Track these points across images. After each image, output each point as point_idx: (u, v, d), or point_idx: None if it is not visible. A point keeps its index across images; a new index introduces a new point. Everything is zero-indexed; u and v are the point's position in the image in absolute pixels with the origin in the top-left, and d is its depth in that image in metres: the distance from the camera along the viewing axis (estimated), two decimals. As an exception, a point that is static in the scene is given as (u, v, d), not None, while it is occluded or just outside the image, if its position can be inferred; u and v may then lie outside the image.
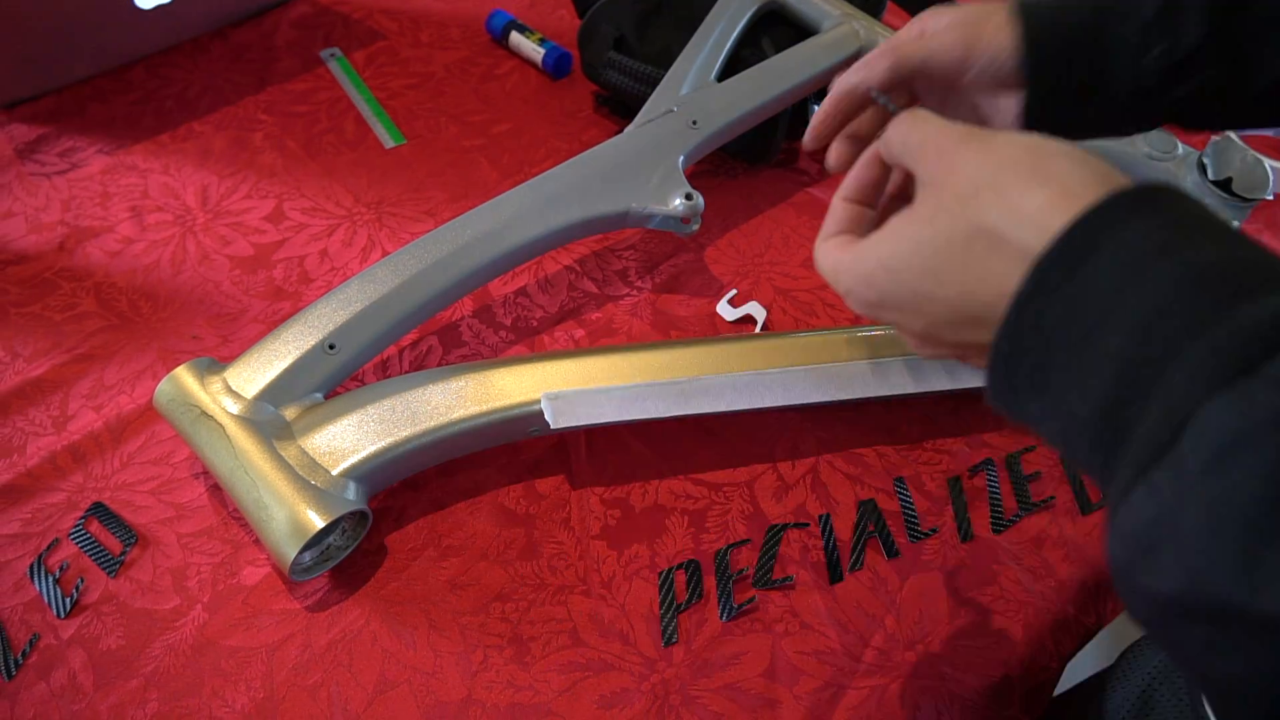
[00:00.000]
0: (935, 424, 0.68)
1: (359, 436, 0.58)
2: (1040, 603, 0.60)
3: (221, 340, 0.72)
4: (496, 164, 0.87)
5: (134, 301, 0.75)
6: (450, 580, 0.60)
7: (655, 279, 0.78)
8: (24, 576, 0.59)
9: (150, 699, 0.54)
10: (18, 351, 0.71)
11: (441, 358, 0.71)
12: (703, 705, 0.55)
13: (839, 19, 0.86)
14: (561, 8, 1.05)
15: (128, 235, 0.79)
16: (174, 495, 0.63)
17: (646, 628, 0.58)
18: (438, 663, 0.56)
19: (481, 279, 0.67)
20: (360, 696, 0.55)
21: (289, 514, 0.54)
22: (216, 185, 0.84)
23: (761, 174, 0.88)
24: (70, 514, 0.62)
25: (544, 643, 0.57)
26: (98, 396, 0.68)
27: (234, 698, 0.54)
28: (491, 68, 0.97)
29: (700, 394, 0.61)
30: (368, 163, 0.86)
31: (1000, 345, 0.28)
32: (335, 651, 0.56)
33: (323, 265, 0.77)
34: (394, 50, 0.98)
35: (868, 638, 0.58)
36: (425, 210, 0.82)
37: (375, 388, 0.60)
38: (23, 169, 0.84)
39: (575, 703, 0.55)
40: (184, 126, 0.89)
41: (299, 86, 0.93)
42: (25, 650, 0.56)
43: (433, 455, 0.60)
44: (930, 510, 0.64)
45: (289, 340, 0.61)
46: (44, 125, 0.88)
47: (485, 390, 0.60)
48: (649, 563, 0.61)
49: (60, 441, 0.65)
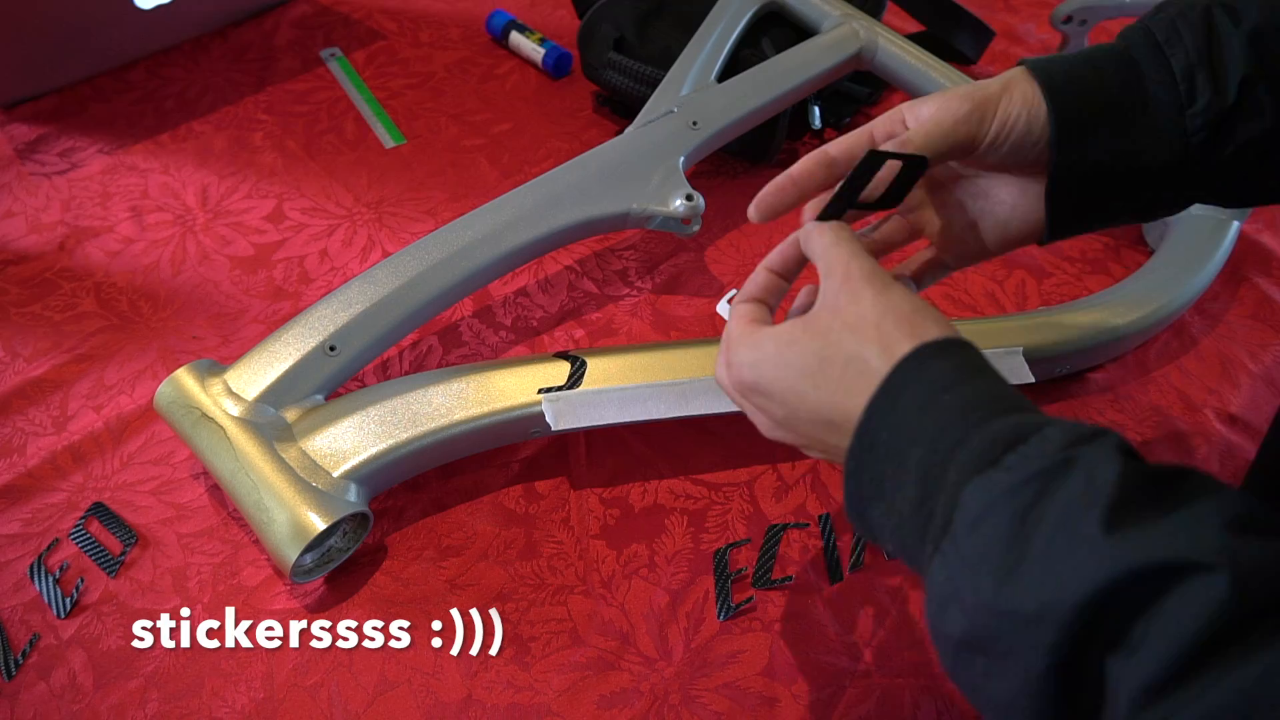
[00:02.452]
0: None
1: (360, 438, 0.58)
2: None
3: (222, 340, 0.72)
4: (496, 164, 0.87)
5: (134, 301, 0.75)
6: (450, 580, 0.60)
7: (655, 279, 0.78)
8: (24, 576, 0.59)
9: (150, 699, 0.54)
10: (18, 351, 0.71)
11: (442, 358, 0.71)
12: (702, 705, 0.55)
13: (839, 19, 0.86)
14: (561, 8, 1.05)
15: (128, 235, 0.79)
16: (174, 495, 0.63)
17: (646, 627, 0.58)
18: (438, 663, 0.56)
19: (482, 280, 0.67)
20: (360, 696, 0.55)
21: (290, 516, 0.54)
22: (216, 185, 0.84)
23: (762, 174, 0.88)
24: (70, 514, 0.62)
25: (544, 643, 0.57)
26: (98, 396, 0.68)
27: (234, 698, 0.54)
28: (491, 68, 0.97)
29: (700, 394, 0.61)
30: (368, 163, 0.86)
31: (850, 464, 0.36)
32: (335, 652, 0.56)
33: (323, 265, 0.77)
34: (394, 50, 0.98)
35: (868, 637, 0.58)
36: (425, 210, 0.82)
37: (376, 389, 0.60)
38: (23, 169, 0.84)
39: (575, 703, 0.55)
40: (184, 126, 0.89)
41: (299, 86, 0.93)
42: (25, 650, 0.56)
43: (434, 456, 0.61)
44: (930, 511, 0.64)
45: (289, 342, 0.61)
46: (44, 125, 0.88)
47: (486, 391, 0.60)
48: (648, 562, 0.61)
49: (60, 441, 0.65)
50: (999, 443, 0.32)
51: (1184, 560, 0.26)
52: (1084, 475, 0.29)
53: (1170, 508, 0.28)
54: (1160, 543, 0.27)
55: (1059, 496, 0.29)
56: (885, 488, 0.35)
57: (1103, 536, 0.28)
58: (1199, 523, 0.27)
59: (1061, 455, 0.30)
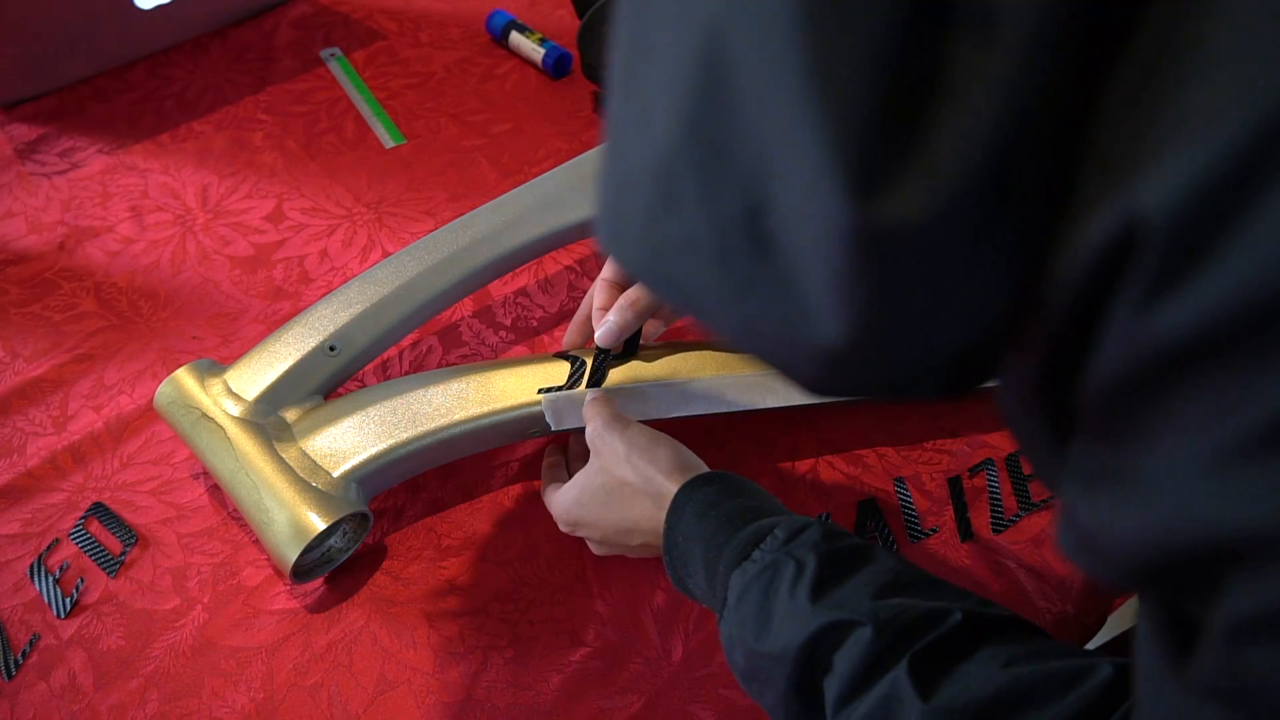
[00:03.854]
0: (935, 424, 0.68)
1: (360, 438, 0.58)
2: (1040, 602, 0.60)
3: (221, 340, 0.72)
4: (496, 164, 0.87)
5: (134, 301, 0.75)
6: (450, 580, 0.60)
7: (655, 279, 0.78)
8: (24, 576, 0.59)
9: (150, 699, 0.54)
10: (18, 351, 0.71)
11: (441, 358, 0.71)
12: (702, 704, 0.55)
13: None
14: (561, 8, 1.05)
15: (128, 235, 0.79)
16: (174, 495, 0.63)
17: (646, 627, 0.58)
18: (437, 663, 0.56)
19: (482, 280, 0.67)
20: (360, 697, 0.55)
21: (290, 516, 0.54)
22: (216, 185, 0.84)
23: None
24: (70, 514, 0.62)
25: (544, 643, 0.57)
26: (98, 396, 0.68)
27: (234, 698, 0.54)
28: (491, 68, 0.97)
29: (700, 394, 0.61)
30: (368, 163, 0.86)
31: (664, 556, 0.50)
32: (335, 652, 0.56)
33: (323, 265, 0.77)
34: (394, 50, 0.98)
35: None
36: (425, 210, 0.82)
37: (376, 389, 0.60)
38: (23, 169, 0.84)
39: (575, 703, 0.55)
40: (184, 126, 0.89)
41: (299, 86, 0.93)
42: (25, 650, 0.56)
43: (434, 456, 0.60)
44: (930, 510, 0.64)
45: (289, 342, 0.61)
46: (44, 125, 0.88)
47: (485, 392, 0.60)
48: (649, 562, 0.61)
49: (60, 441, 0.65)
50: (747, 544, 0.45)
51: (850, 618, 0.40)
52: (795, 565, 0.43)
53: (847, 579, 0.42)
54: (839, 607, 0.41)
55: (785, 578, 0.43)
56: (688, 571, 0.49)
57: (810, 605, 0.41)
58: (860, 591, 0.41)
59: (784, 550, 0.44)
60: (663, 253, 0.28)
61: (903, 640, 0.39)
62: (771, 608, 0.42)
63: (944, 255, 0.24)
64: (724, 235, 0.26)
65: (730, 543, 0.46)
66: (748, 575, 0.44)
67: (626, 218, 0.29)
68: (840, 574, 0.42)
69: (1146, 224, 0.20)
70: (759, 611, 0.43)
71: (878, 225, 0.22)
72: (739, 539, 0.46)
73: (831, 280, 0.24)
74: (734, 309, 0.28)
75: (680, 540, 0.49)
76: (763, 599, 0.43)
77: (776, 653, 0.41)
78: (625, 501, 0.52)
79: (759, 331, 0.28)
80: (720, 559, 0.46)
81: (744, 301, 0.27)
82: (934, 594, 0.41)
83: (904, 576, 0.43)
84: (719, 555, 0.46)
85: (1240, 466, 0.21)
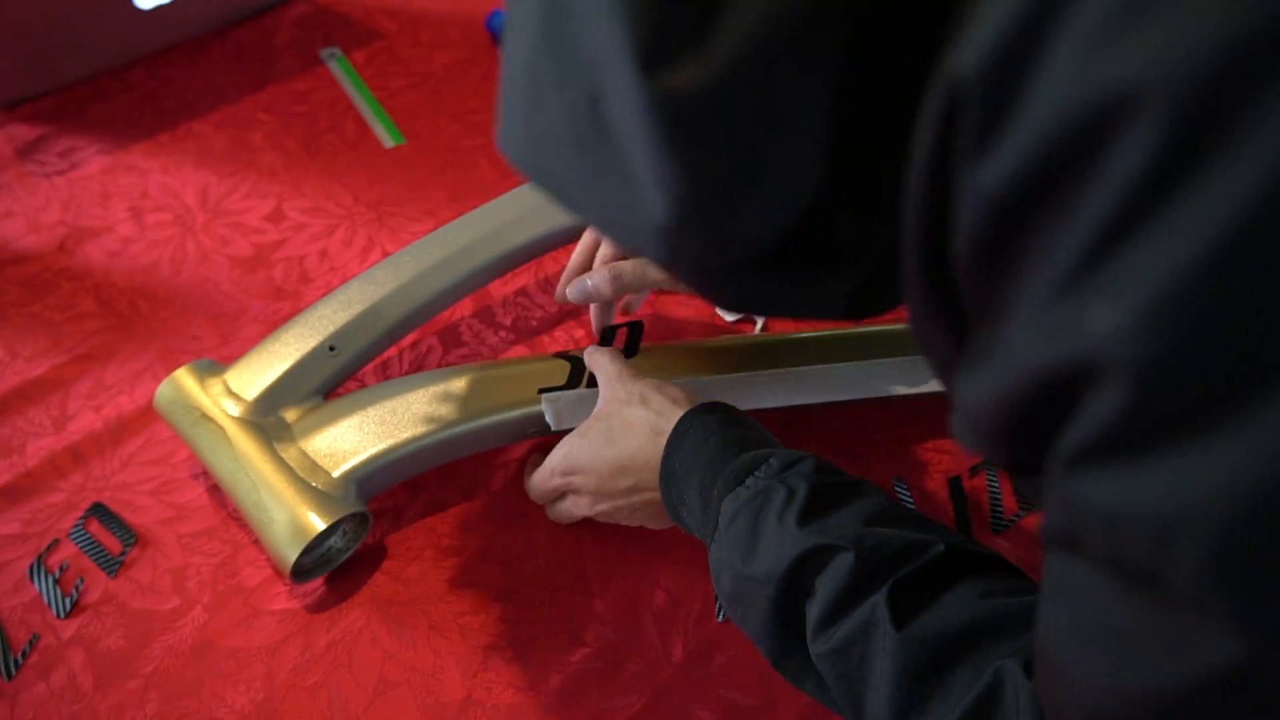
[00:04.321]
0: (935, 424, 0.68)
1: (360, 438, 0.58)
2: (1040, 603, 0.60)
3: (221, 340, 0.72)
4: (496, 164, 0.87)
5: (134, 301, 0.75)
6: (450, 580, 0.60)
7: (655, 279, 0.78)
8: (24, 576, 0.59)
9: (150, 699, 0.54)
10: (18, 351, 0.71)
11: (441, 358, 0.71)
12: (702, 704, 0.55)
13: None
14: (561, 7, 1.05)
15: (127, 235, 0.79)
16: (174, 495, 0.63)
17: (646, 627, 0.58)
18: (438, 663, 0.56)
19: (482, 280, 0.67)
20: (360, 697, 0.55)
21: (290, 516, 0.54)
22: (216, 185, 0.84)
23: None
24: (70, 514, 0.62)
25: (544, 643, 0.57)
26: (98, 396, 0.68)
27: (234, 698, 0.54)
28: (492, 67, 0.97)
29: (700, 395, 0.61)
30: (368, 162, 0.86)
31: (661, 485, 0.51)
32: (335, 652, 0.56)
33: (322, 265, 0.77)
34: (394, 50, 0.98)
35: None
36: (425, 210, 0.82)
37: (376, 389, 0.60)
38: (23, 169, 0.84)
39: (575, 703, 0.55)
40: (184, 126, 0.89)
41: (299, 86, 0.93)
42: (25, 650, 0.56)
43: (433, 457, 0.60)
44: (930, 510, 0.64)
45: (289, 342, 0.61)
46: (44, 125, 0.88)
47: (485, 391, 0.60)
48: (648, 562, 0.61)
49: (60, 441, 0.65)
50: (741, 470, 0.46)
51: (835, 543, 0.40)
52: (786, 491, 0.43)
53: (836, 510, 0.43)
54: (825, 532, 0.41)
55: (775, 503, 0.43)
56: (684, 499, 0.49)
57: (797, 529, 0.42)
58: (847, 520, 0.42)
59: (778, 478, 0.44)
60: (536, 145, 0.31)
61: (885, 568, 0.39)
62: (760, 531, 0.43)
63: (740, 122, 0.26)
64: (576, 124, 0.29)
65: (725, 469, 0.47)
66: (740, 500, 0.45)
67: (511, 117, 0.32)
68: (830, 504, 0.43)
69: (965, 85, 0.22)
70: (748, 535, 0.43)
71: (666, 95, 0.25)
72: (734, 465, 0.46)
73: (648, 155, 0.27)
74: (593, 195, 0.31)
75: (678, 468, 0.49)
76: (752, 522, 0.43)
77: (762, 575, 0.42)
78: (625, 436, 0.53)
79: (614, 219, 0.31)
80: (715, 485, 0.47)
81: (599, 187, 0.30)
82: (920, 528, 0.42)
83: (892, 511, 0.43)
84: (714, 482, 0.47)
85: (1060, 303, 0.22)
